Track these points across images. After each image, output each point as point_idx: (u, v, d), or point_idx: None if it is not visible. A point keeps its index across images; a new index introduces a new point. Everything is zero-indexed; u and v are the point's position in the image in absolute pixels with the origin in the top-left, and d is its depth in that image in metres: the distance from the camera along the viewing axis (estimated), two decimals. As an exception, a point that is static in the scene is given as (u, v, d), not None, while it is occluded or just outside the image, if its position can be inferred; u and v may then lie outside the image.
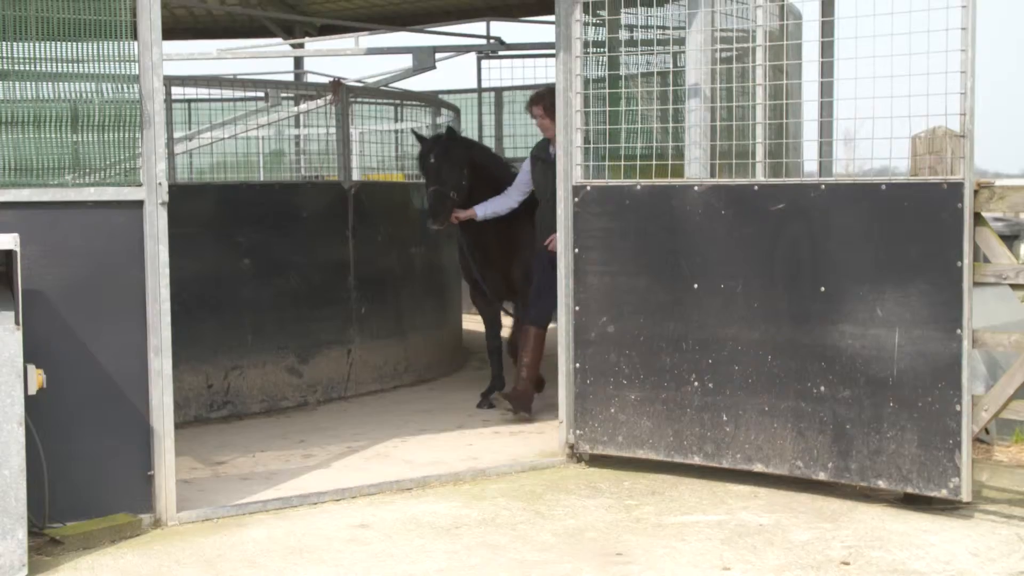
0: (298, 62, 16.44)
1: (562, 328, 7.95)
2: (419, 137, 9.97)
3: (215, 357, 9.69)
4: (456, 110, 13.01)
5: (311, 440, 8.90)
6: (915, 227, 6.67)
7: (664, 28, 8.27)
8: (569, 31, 7.77)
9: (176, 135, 11.33)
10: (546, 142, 9.18)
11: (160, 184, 6.56)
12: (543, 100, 9.02)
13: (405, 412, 9.91)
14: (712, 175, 7.58)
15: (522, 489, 7.37)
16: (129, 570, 6.00)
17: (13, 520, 5.72)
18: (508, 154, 15.92)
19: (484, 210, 9.59)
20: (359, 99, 11.79)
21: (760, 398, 7.19)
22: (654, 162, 7.60)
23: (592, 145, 7.83)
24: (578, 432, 7.91)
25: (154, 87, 6.54)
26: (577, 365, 7.87)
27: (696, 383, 7.43)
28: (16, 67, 6.35)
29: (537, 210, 9.41)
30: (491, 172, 9.94)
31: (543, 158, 9.14)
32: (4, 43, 6.29)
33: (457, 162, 9.57)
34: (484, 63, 16.30)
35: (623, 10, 7.80)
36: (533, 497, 7.20)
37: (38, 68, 6.39)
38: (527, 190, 9.55)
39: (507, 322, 10.39)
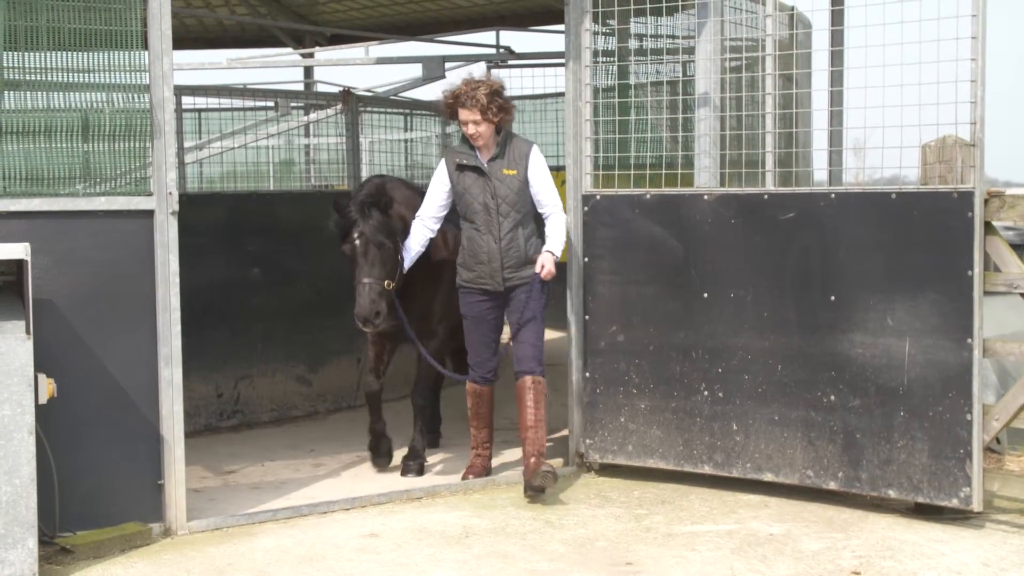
0: (308, 71, 16.44)
1: (572, 337, 7.94)
2: (336, 208, 7.73)
3: (225, 366, 9.70)
4: (465, 119, 12.98)
5: (321, 449, 8.91)
6: (925, 236, 6.65)
7: (673, 37, 8.27)
8: (579, 40, 7.78)
9: (186, 144, 11.35)
10: (467, 143, 7.50)
11: (170, 193, 6.58)
12: (476, 101, 7.30)
13: (415, 421, 9.90)
14: (722, 184, 7.58)
15: (531, 498, 7.36)
16: (139, 579, 6.01)
17: (24, 529, 5.72)
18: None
19: (407, 261, 7.67)
20: (369, 108, 11.81)
21: (770, 407, 7.18)
22: (663, 171, 7.60)
23: (602, 154, 7.83)
24: (588, 441, 7.90)
25: (164, 96, 6.56)
26: (587, 374, 7.86)
27: (706, 392, 7.42)
28: (27, 77, 6.37)
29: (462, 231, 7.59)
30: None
31: (474, 165, 7.43)
32: (15, 53, 6.31)
33: (389, 236, 7.55)
34: (494, 72, 16.28)
35: (633, 19, 7.81)
36: (543, 507, 7.19)
37: (49, 78, 6.41)
38: (444, 212, 7.63)
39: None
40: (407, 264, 7.64)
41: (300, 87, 16.11)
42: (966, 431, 6.55)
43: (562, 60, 8.30)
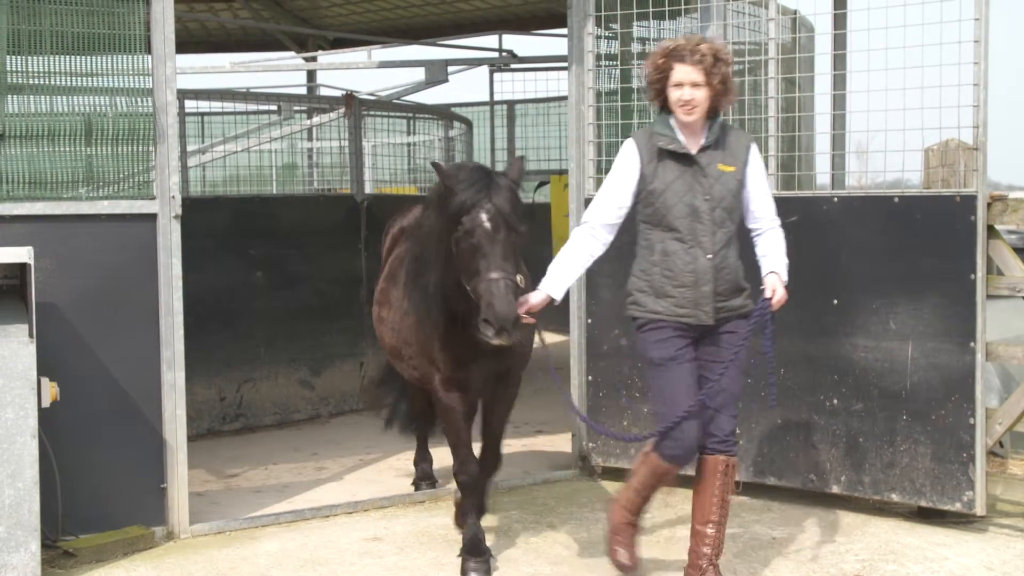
0: (311, 75, 16.48)
1: (574, 341, 7.94)
2: (444, 175, 5.66)
3: (228, 370, 9.71)
4: (468, 123, 13.03)
5: (324, 453, 8.91)
6: (928, 240, 6.65)
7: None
8: (582, 44, 7.78)
9: (189, 148, 11.36)
10: (667, 124, 5.53)
11: (173, 197, 6.58)
12: (701, 57, 5.40)
13: (417, 425, 9.90)
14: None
15: (534, 502, 7.36)
16: (142, 583, 6.01)
17: (26, 533, 5.72)
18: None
19: (561, 282, 5.58)
20: (371, 112, 11.81)
21: (773, 412, 7.17)
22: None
23: (604, 158, 7.83)
24: (590, 445, 7.90)
25: (167, 100, 6.57)
26: (589, 378, 7.86)
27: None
28: (31, 81, 6.38)
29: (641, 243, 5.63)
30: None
31: (682, 153, 5.48)
32: (19, 57, 6.32)
33: (521, 221, 5.65)
34: (496, 76, 16.32)
35: (635, 23, 7.81)
36: (546, 510, 7.19)
37: (52, 82, 6.42)
38: (622, 218, 5.64)
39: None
40: (563, 286, 5.54)
41: (303, 91, 16.15)
42: (969, 435, 6.55)
43: (565, 64, 8.31)
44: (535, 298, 5.49)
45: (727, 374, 5.44)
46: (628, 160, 5.56)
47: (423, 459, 7.74)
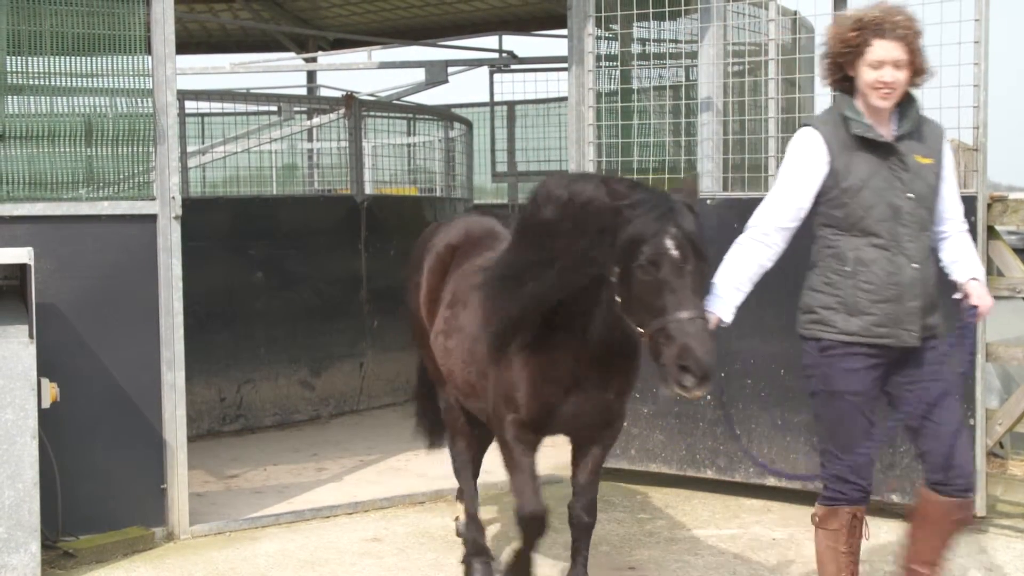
0: (311, 76, 16.48)
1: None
2: (616, 195, 4.66)
3: (228, 370, 9.70)
4: (468, 124, 13.03)
5: (324, 453, 8.90)
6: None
7: (676, 41, 8.27)
8: (582, 45, 7.78)
9: (189, 149, 11.36)
10: (853, 107, 4.68)
11: (173, 198, 6.59)
12: (905, 32, 4.58)
13: (417, 425, 9.89)
14: (724, 189, 7.58)
15: (534, 503, 7.35)
16: (142, 583, 6.01)
17: (27, 533, 5.72)
18: (520, 168, 15.92)
19: (730, 303, 4.75)
20: (371, 113, 11.81)
21: (773, 412, 7.17)
22: (666, 175, 7.60)
23: (604, 159, 7.83)
24: (590, 446, 7.88)
25: (167, 101, 6.57)
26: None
27: (708, 397, 7.41)
28: (31, 82, 6.39)
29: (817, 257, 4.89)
30: None
31: (883, 142, 4.64)
32: (19, 58, 6.32)
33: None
34: (496, 77, 16.31)
35: (635, 23, 7.81)
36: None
37: (53, 83, 6.42)
38: (801, 220, 4.85)
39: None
40: (733, 305, 4.73)
41: (303, 91, 16.15)
42: (969, 435, 6.54)
43: (565, 64, 8.31)
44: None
45: (944, 404, 4.69)
46: (812, 152, 4.67)
47: (474, 521, 6.29)
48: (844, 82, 4.69)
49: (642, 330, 4.44)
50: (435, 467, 8.25)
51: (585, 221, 4.64)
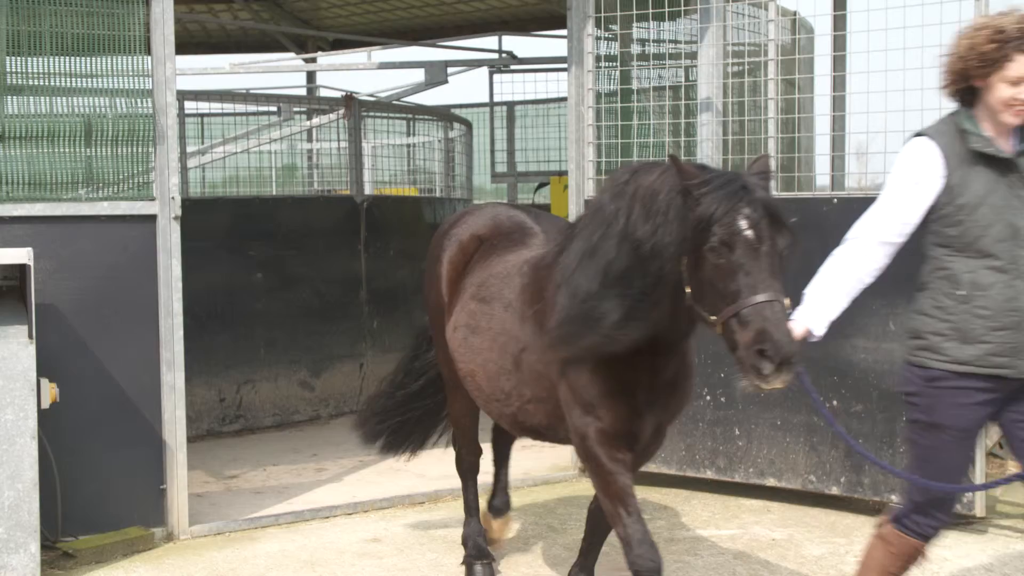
0: (310, 76, 16.49)
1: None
2: (686, 172, 4.32)
3: (227, 371, 9.70)
4: (468, 124, 13.04)
5: (323, 454, 8.90)
6: (928, 241, 6.62)
7: (676, 42, 8.27)
8: (581, 45, 7.78)
9: (189, 149, 11.37)
10: (971, 119, 4.37)
11: (173, 198, 6.59)
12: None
13: (417, 426, 9.89)
14: (724, 189, 7.56)
15: (534, 503, 7.36)
16: (141, 584, 6.01)
17: (26, 534, 5.72)
18: (519, 169, 15.93)
19: (824, 316, 4.67)
20: (371, 113, 11.82)
21: (772, 412, 7.18)
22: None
23: (604, 159, 7.83)
24: (590, 446, 7.88)
25: (167, 102, 6.57)
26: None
27: (708, 397, 7.42)
28: (30, 82, 6.39)
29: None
30: None
31: (1003, 158, 4.32)
32: (19, 58, 6.32)
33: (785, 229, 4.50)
34: (496, 77, 16.33)
35: (635, 24, 7.81)
36: (545, 511, 7.19)
37: (52, 83, 6.42)
38: (905, 233, 4.60)
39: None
40: (827, 318, 4.61)
41: (303, 92, 16.16)
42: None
43: (564, 65, 8.32)
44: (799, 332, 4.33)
45: None
46: (926, 164, 4.33)
47: (474, 520, 6.18)
48: (965, 92, 4.36)
49: (714, 318, 4.16)
50: (434, 467, 8.25)
51: (652, 204, 4.31)
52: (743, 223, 4.15)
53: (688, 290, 4.25)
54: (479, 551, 6.04)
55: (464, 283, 5.63)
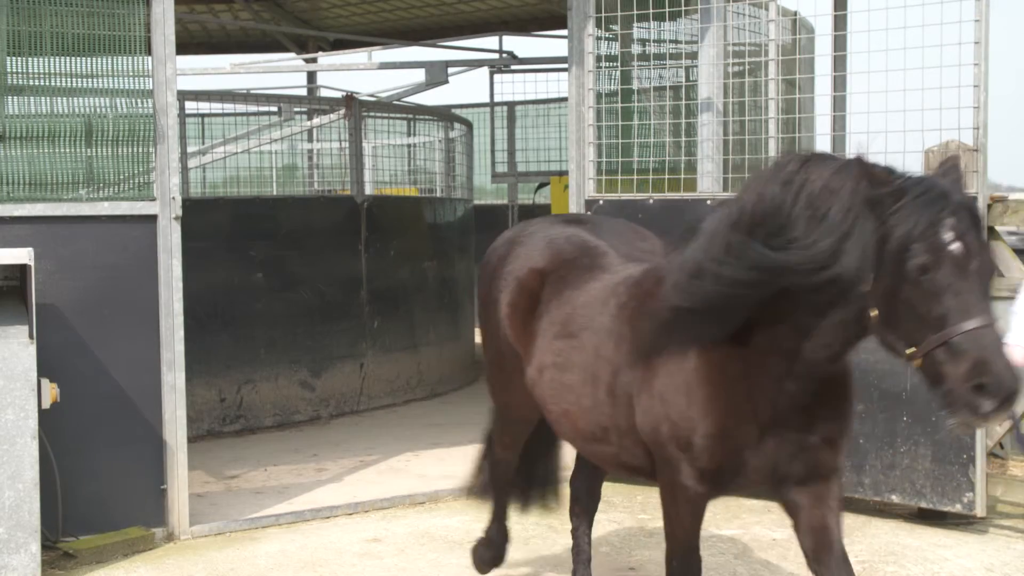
0: (311, 76, 16.49)
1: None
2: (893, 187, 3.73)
3: (228, 371, 9.70)
4: (468, 124, 13.04)
5: (324, 454, 8.90)
6: (928, 241, 6.62)
7: (676, 42, 8.28)
8: (582, 45, 7.78)
9: (189, 149, 11.37)
10: None
11: (174, 198, 6.58)
12: None
13: (417, 426, 9.90)
14: (724, 189, 7.57)
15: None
16: (142, 584, 6.01)
17: (27, 534, 5.72)
18: (520, 169, 15.93)
19: None
20: (372, 113, 11.82)
21: (773, 412, 7.16)
22: (666, 176, 7.60)
23: (605, 159, 7.83)
24: (591, 446, 7.88)
25: (168, 102, 6.57)
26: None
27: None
28: (31, 82, 6.39)
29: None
30: None
31: None
32: (19, 58, 6.33)
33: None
34: (496, 77, 16.34)
35: (636, 24, 7.81)
36: (546, 512, 7.18)
37: (53, 83, 6.43)
38: None
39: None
40: None
41: (303, 92, 16.16)
42: (969, 436, 6.54)
43: (565, 65, 8.31)
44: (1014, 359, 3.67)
45: None
46: None
47: (499, 525, 5.92)
48: None
49: (911, 350, 3.70)
50: (435, 467, 8.27)
51: (826, 206, 3.70)
52: (949, 236, 3.58)
53: (874, 313, 3.76)
54: (491, 543, 5.71)
55: (538, 326, 4.97)
